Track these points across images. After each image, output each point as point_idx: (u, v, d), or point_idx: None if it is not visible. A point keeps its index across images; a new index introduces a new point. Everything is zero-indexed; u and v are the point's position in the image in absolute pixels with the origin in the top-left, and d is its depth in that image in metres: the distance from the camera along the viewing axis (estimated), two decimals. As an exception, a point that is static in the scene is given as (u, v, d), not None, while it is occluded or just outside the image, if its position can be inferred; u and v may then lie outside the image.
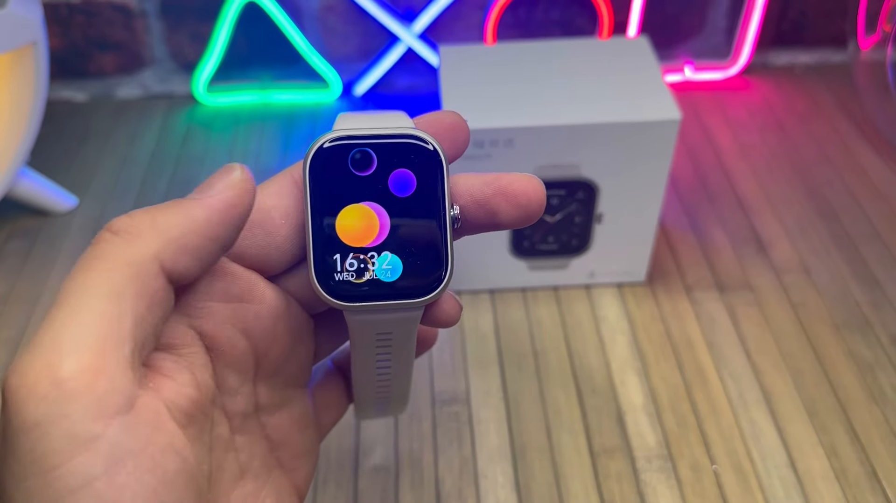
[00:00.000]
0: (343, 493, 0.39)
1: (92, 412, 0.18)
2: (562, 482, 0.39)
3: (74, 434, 0.18)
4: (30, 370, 0.18)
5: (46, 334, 0.18)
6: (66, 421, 0.18)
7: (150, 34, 0.63)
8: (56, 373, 0.18)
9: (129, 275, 0.19)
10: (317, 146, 0.23)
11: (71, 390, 0.18)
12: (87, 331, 0.18)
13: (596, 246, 0.47)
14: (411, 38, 0.62)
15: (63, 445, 0.18)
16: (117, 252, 0.20)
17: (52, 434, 0.18)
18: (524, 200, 0.24)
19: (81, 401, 0.18)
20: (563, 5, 0.63)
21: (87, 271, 0.19)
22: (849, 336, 0.46)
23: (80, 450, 0.18)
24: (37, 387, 0.18)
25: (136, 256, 0.20)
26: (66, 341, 0.18)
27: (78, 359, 0.18)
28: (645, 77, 0.44)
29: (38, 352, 0.18)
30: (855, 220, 0.53)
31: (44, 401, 0.18)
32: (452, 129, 0.25)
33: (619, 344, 0.46)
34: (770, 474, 0.39)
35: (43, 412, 0.18)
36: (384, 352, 0.26)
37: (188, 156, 0.60)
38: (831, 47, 0.67)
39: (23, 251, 0.52)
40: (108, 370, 0.18)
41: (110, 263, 0.19)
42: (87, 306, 0.19)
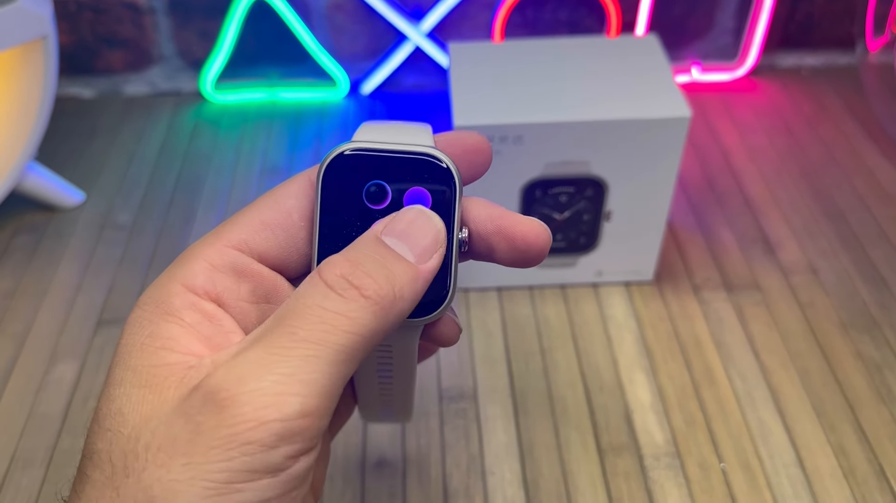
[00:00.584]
0: (350, 489, 0.39)
1: (295, 450, 0.19)
2: (569, 479, 0.39)
3: (271, 465, 0.19)
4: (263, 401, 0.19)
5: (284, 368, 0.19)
6: (274, 452, 0.19)
7: (158, 31, 0.63)
8: (285, 411, 0.19)
9: (363, 345, 0.20)
10: (333, 155, 0.23)
11: (293, 428, 0.19)
12: (320, 380, 0.19)
13: (604, 244, 0.47)
14: (419, 36, 0.62)
15: (259, 468, 0.19)
16: (368, 321, 0.20)
17: (256, 457, 0.19)
18: (522, 245, 0.24)
19: (296, 439, 0.19)
20: (571, 6, 0.63)
21: (335, 328, 0.20)
22: (857, 336, 0.46)
23: (268, 476, 0.19)
24: (265, 414, 0.19)
25: (372, 329, 0.20)
26: (299, 383, 0.19)
27: (306, 402, 0.19)
28: (655, 74, 0.44)
29: (273, 382, 0.19)
30: (862, 222, 0.53)
31: (264, 427, 0.19)
32: (473, 151, 0.24)
33: (627, 342, 0.46)
34: (778, 473, 0.39)
35: (262, 434, 0.19)
36: (385, 363, 0.26)
37: (195, 153, 0.60)
38: (838, 49, 0.67)
39: (30, 246, 0.52)
40: (323, 420, 0.20)
41: (359, 328, 0.20)
42: (326, 359, 0.20)
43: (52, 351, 0.45)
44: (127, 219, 0.54)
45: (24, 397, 0.43)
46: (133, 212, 0.55)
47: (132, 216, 0.55)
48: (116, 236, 0.53)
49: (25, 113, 0.50)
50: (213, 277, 0.22)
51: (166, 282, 0.22)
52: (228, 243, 0.23)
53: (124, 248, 0.52)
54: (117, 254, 0.52)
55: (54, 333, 0.47)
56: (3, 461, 0.40)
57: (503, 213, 0.24)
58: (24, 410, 0.42)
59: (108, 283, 0.50)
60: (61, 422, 0.42)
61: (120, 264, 0.51)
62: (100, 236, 0.53)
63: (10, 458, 0.40)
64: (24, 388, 0.44)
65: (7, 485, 0.39)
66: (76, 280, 0.50)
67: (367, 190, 0.23)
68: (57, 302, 0.48)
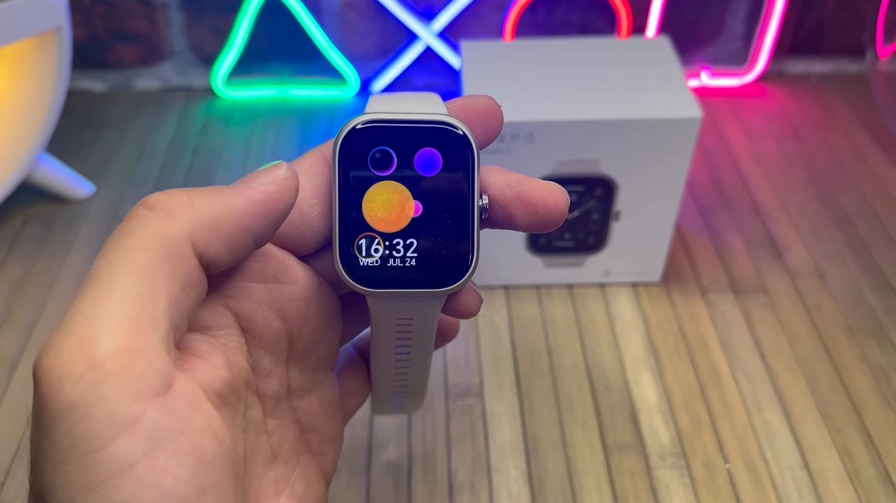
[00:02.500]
0: (356, 483, 0.39)
1: (130, 393, 0.17)
2: (575, 477, 0.39)
3: (114, 416, 0.17)
4: (63, 351, 0.17)
5: (79, 313, 0.18)
6: (106, 403, 0.17)
7: (170, 26, 0.63)
8: (91, 353, 0.17)
9: (162, 254, 0.19)
10: (348, 128, 0.22)
11: (108, 371, 0.17)
12: (122, 311, 0.18)
13: (612, 244, 0.47)
14: (430, 36, 0.62)
15: (103, 428, 0.17)
16: (151, 229, 0.19)
17: (92, 416, 0.17)
18: (542, 209, 0.23)
19: (119, 382, 0.17)
20: (582, 8, 0.63)
21: (120, 248, 0.19)
22: (863, 341, 0.46)
23: (121, 432, 0.17)
24: (72, 368, 0.17)
25: (170, 235, 0.19)
26: (99, 321, 0.18)
27: (113, 339, 0.17)
28: (666, 75, 0.45)
29: (70, 332, 0.18)
30: (870, 227, 0.53)
31: (80, 383, 0.17)
32: (486, 114, 0.24)
33: (634, 342, 0.46)
34: (783, 474, 0.39)
35: (80, 394, 0.17)
36: (404, 338, 0.26)
37: (206, 148, 0.60)
38: (847, 57, 0.67)
39: (40, 236, 0.53)
40: (145, 350, 0.18)
41: (143, 240, 0.19)
42: (120, 285, 0.18)
43: (61, 340, 0.46)
44: (136, 211, 0.55)
45: (31, 386, 0.43)
46: (142, 205, 0.55)
47: (142, 209, 0.55)
48: (126, 228, 0.53)
49: (38, 104, 0.50)
50: None
51: None
52: None
53: (133, 240, 0.52)
54: (126, 246, 0.52)
55: (63, 323, 0.47)
56: (9, 449, 0.40)
57: (521, 179, 0.23)
58: (30, 399, 0.42)
59: (117, 275, 0.50)
60: (68, 411, 0.42)
61: (129, 256, 0.51)
62: (109, 228, 0.53)
63: (16, 446, 0.40)
64: (31, 377, 0.44)
65: (13, 473, 0.39)
66: (85, 270, 0.50)
67: (371, 156, 0.22)
68: (66, 292, 0.49)
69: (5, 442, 0.40)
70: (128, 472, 0.17)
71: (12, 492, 0.38)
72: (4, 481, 0.39)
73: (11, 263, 0.51)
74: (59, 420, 0.17)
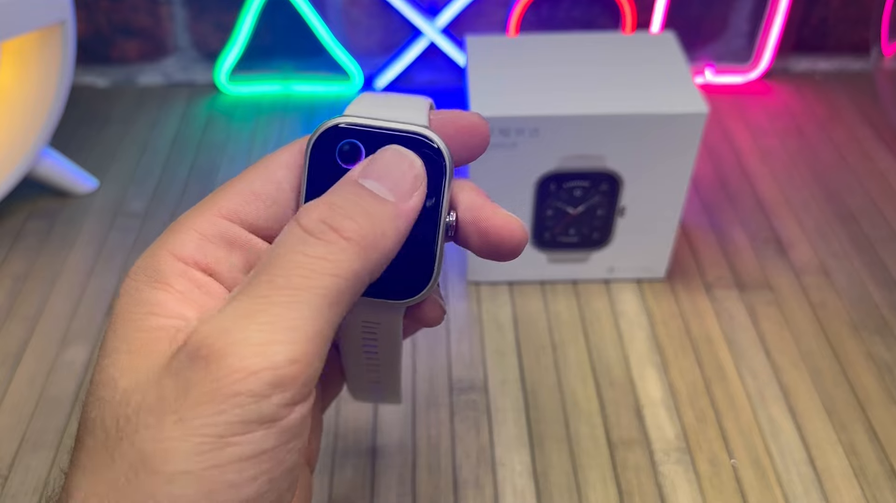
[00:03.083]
0: (360, 476, 0.39)
1: (288, 398, 0.19)
2: (579, 472, 0.39)
3: (265, 415, 0.19)
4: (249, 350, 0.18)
5: (267, 317, 0.19)
6: (266, 402, 0.18)
7: (173, 22, 0.63)
8: (273, 359, 0.18)
9: (347, 288, 0.20)
10: (325, 127, 0.22)
11: (283, 375, 0.18)
12: (305, 326, 0.19)
13: (617, 240, 0.47)
14: (434, 32, 0.62)
15: (252, 418, 0.18)
16: (350, 262, 0.20)
17: (248, 408, 0.18)
18: (495, 239, 0.23)
19: (287, 387, 0.19)
20: (586, 4, 0.63)
21: (316, 272, 0.19)
22: (868, 337, 0.46)
23: (262, 428, 0.19)
24: (253, 364, 0.18)
25: (355, 271, 0.20)
26: (284, 331, 0.19)
27: (293, 350, 0.19)
28: (672, 70, 0.44)
29: (257, 331, 0.19)
30: (874, 224, 0.53)
31: (254, 377, 0.18)
32: (468, 131, 0.24)
33: (638, 338, 0.46)
34: (789, 470, 0.39)
35: (252, 384, 0.18)
36: (370, 338, 0.26)
37: (209, 144, 0.60)
38: (852, 54, 0.67)
39: (43, 230, 0.52)
40: (313, 366, 0.19)
41: (341, 271, 0.20)
42: (310, 305, 0.19)
43: (64, 334, 0.46)
44: (140, 206, 0.55)
45: (35, 380, 0.43)
46: (146, 200, 0.55)
47: (145, 204, 0.55)
48: (129, 223, 0.53)
49: (42, 98, 0.50)
50: (203, 247, 0.22)
51: (156, 252, 0.22)
52: (219, 213, 0.22)
53: (137, 235, 0.52)
54: (129, 241, 0.52)
55: (66, 317, 0.47)
56: (13, 442, 0.40)
57: (484, 204, 0.23)
58: (34, 393, 0.42)
59: (120, 269, 0.50)
60: (71, 405, 0.42)
61: (132, 250, 0.51)
62: (112, 223, 0.53)
63: (20, 440, 0.40)
64: (35, 371, 0.44)
65: (17, 467, 0.39)
66: (88, 265, 0.50)
67: (340, 148, 0.22)
68: (69, 286, 0.49)
69: (8, 435, 0.40)
70: (255, 458, 0.19)
71: (15, 486, 0.38)
72: (8, 475, 0.39)
73: (14, 258, 0.50)
74: (222, 390, 0.18)
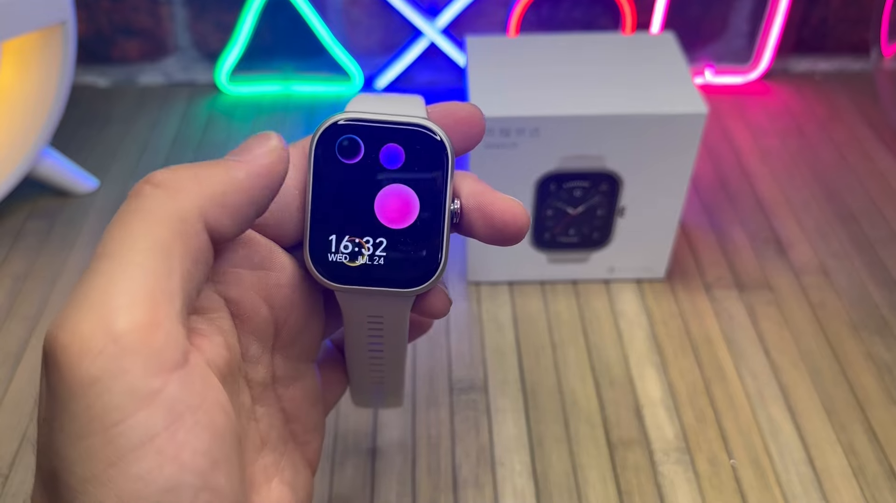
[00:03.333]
0: (360, 475, 0.39)
1: (151, 367, 0.17)
2: (579, 472, 0.39)
3: (135, 389, 0.17)
4: (82, 325, 0.17)
5: (94, 289, 0.18)
6: (126, 376, 0.17)
7: (174, 22, 0.63)
8: (111, 328, 0.17)
9: (175, 230, 0.19)
10: (327, 124, 0.23)
11: (128, 345, 0.17)
12: (139, 286, 0.18)
13: (617, 240, 0.47)
14: (434, 32, 0.62)
15: (124, 401, 0.17)
16: (161, 205, 0.19)
17: (113, 390, 0.17)
18: (500, 224, 0.24)
19: (140, 355, 0.17)
20: (586, 5, 0.63)
21: (131, 224, 0.19)
22: (867, 337, 0.46)
23: (141, 405, 0.17)
24: (91, 342, 0.17)
25: (181, 211, 0.19)
26: (118, 295, 0.18)
27: (132, 313, 0.17)
28: (671, 71, 0.44)
29: (88, 306, 0.17)
30: (874, 224, 0.53)
31: (100, 357, 0.17)
32: (467, 121, 0.24)
33: (638, 338, 0.46)
34: (788, 470, 0.39)
35: (100, 368, 0.17)
36: (376, 335, 0.26)
37: (209, 143, 0.60)
38: (852, 55, 0.67)
39: (43, 230, 0.53)
40: (163, 324, 0.18)
41: (155, 217, 0.19)
42: (134, 261, 0.18)
43: (64, 334, 0.46)
44: (140, 206, 0.55)
45: (35, 379, 0.43)
46: (146, 199, 0.55)
47: (145, 204, 0.55)
48: (129, 223, 0.53)
49: (42, 98, 0.50)
50: None
51: None
52: None
53: (137, 235, 0.52)
54: (130, 241, 0.52)
55: (66, 317, 0.47)
56: (13, 441, 0.40)
57: (484, 190, 0.24)
58: (35, 392, 0.43)
59: (121, 269, 0.50)
60: (72, 405, 0.42)
61: (133, 250, 0.51)
62: (113, 223, 0.53)
63: (20, 439, 0.40)
64: (35, 370, 0.44)
65: (17, 466, 0.39)
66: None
67: (339, 144, 0.23)
68: (69, 286, 0.49)
69: (9, 434, 0.40)
70: (148, 445, 0.17)
71: (16, 485, 0.38)
72: (9, 474, 0.39)
73: (15, 257, 0.51)
74: (79, 394, 0.17)
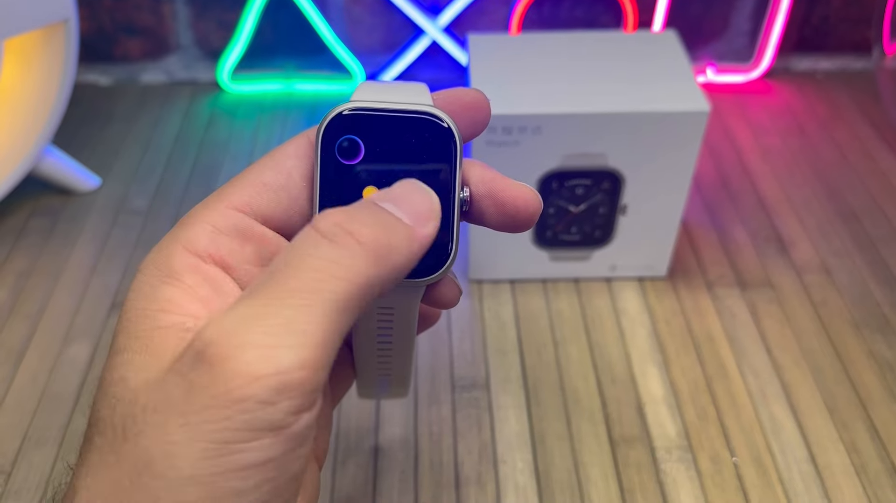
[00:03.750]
0: (362, 473, 0.39)
1: (296, 406, 0.18)
2: (581, 469, 0.39)
3: (274, 423, 0.18)
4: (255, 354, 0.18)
5: (276, 320, 0.18)
6: (274, 408, 0.18)
7: (176, 20, 0.63)
8: (279, 364, 0.18)
9: (359, 295, 0.19)
10: (333, 114, 0.23)
11: (289, 381, 0.18)
12: (315, 331, 0.18)
13: (619, 238, 0.47)
14: (436, 31, 0.62)
15: (258, 426, 0.18)
16: (362, 268, 0.19)
17: (254, 414, 0.18)
18: (511, 209, 0.24)
19: (294, 393, 0.18)
20: (588, 3, 0.63)
21: (328, 275, 0.19)
22: (869, 335, 0.46)
23: (269, 435, 0.18)
24: (258, 369, 0.18)
25: (368, 277, 0.19)
26: (292, 334, 0.18)
27: (301, 355, 0.18)
28: (673, 69, 0.44)
29: (264, 334, 0.18)
30: (876, 223, 0.53)
31: (259, 383, 0.18)
32: (472, 107, 0.24)
33: (640, 336, 0.46)
34: (790, 468, 0.39)
35: (257, 390, 0.18)
36: (385, 325, 0.26)
37: (211, 142, 0.60)
38: (853, 54, 0.67)
39: (46, 228, 0.53)
40: (321, 372, 0.19)
41: (353, 275, 0.19)
42: (321, 309, 0.19)
43: (67, 331, 0.46)
44: (142, 204, 0.55)
45: (38, 376, 0.43)
46: (148, 197, 0.55)
47: (147, 201, 0.55)
48: (132, 220, 0.53)
49: (45, 96, 0.50)
50: (216, 240, 0.22)
51: (168, 245, 0.22)
52: (231, 205, 0.22)
53: (139, 232, 0.52)
54: (132, 238, 0.52)
55: (69, 314, 0.47)
56: (16, 439, 0.40)
57: (495, 177, 0.24)
58: (37, 389, 0.43)
59: (123, 266, 0.50)
60: (74, 402, 0.42)
61: (135, 247, 0.51)
62: (115, 220, 0.53)
63: (22, 437, 0.40)
64: (37, 368, 0.44)
65: (20, 463, 0.39)
66: (91, 262, 0.50)
67: (339, 145, 0.23)
68: (72, 283, 0.49)
69: (12, 432, 0.40)
70: (262, 466, 0.18)
71: (18, 482, 0.38)
72: (11, 471, 0.39)
73: (17, 255, 0.51)
74: (226, 400, 0.18)
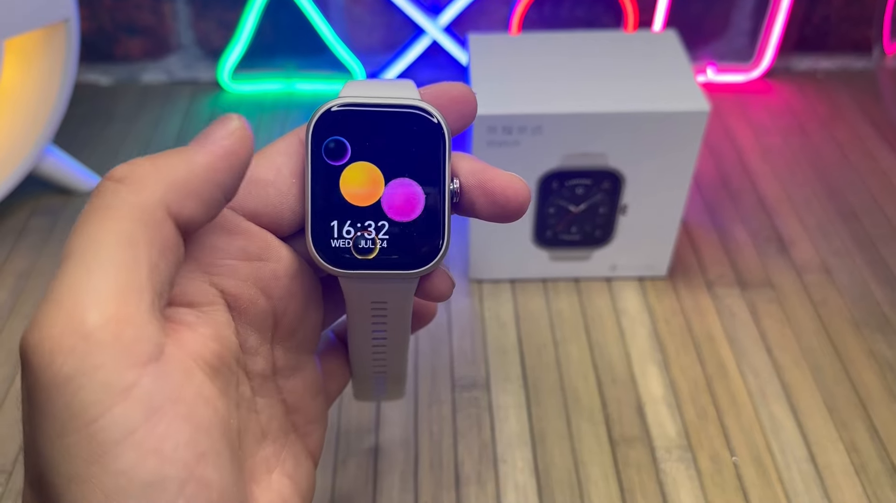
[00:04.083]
0: (363, 473, 0.39)
1: (123, 361, 0.18)
2: (581, 469, 0.39)
3: (110, 384, 0.17)
4: (52, 324, 0.17)
5: (63, 287, 0.18)
6: (100, 371, 0.17)
7: (177, 20, 0.63)
8: (81, 325, 0.17)
9: (138, 223, 0.19)
10: (323, 110, 0.23)
11: (99, 341, 0.17)
12: (106, 281, 0.18)
13: (619, 238, 0.47)
14: (436, 30, 0.62)
15: (100, 397, 0.17)
16: (122, 200, 0.19)
17: (87, 386, 0.17)
18: (502, 199, 0.24)
19: (111, 350, 0.17)
20: (588, 3, 0.63)
21: (95, 221, 0.19)
22: (869, 335, 0.46)
23: (117, 400, 0.17)
24: (62, 341, 0.17)
25: (143, 203, 0.19)
26: (85, 292, 0.18)
27: (101, 309, 0.18)
28: (674, 68, 0.45)
29: (57, 305, 0.18)
30: (876, 222, 0.53)
31: (72, 355, 0.17)
32: (459, 101, 0.25)
33: (640, 336, 0.46)
34: (790, 467, 0.39)
35: (73, 365, 0.17)
36: (379, 321, 0.26)
37: (211, 141, 0.60)
38: (854, 53, 0.67)
39: (46, 228, 0.53)
40: (133, 318, 0.18)
41: (118, 212, 0.19)
42: (100, 257, 0.18)
43: (68, 331, 0.46)
44: (143, 204, 0.55)
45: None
46: (149, 197, 0.55)
47: (148, 201, 0.55)
48: (132, 221, 0.53)
49: (45, 96, 0.50)
50: None
51: None
52: None
53: (140, 233, 0.52)
54: (133, 238, 0.52)
55: (69, 314, 0.47)
56: (17, 439, 0.40)
57: (484, 168, 0.24)
58: (38, 389, 0.43)
59: (124, 266, 0.50)
60: (75, 402, 0.42)
61: (135, 248, 0.51)
62: (116, 220, 0.53)
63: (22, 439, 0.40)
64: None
65: (20, 463, 0.39)
66: (92, 262, 0.50)
67: (325, 146, 0.23)
68: (72, 283, 0.49)
69: (12, 432, 0.41)
70: (129, 439, 0.17)
71: (19, 481, 0.38)
72: (12, 471, 0.39)
73: (18, 255, 0.51)
74: (55, 393, 0.17)
